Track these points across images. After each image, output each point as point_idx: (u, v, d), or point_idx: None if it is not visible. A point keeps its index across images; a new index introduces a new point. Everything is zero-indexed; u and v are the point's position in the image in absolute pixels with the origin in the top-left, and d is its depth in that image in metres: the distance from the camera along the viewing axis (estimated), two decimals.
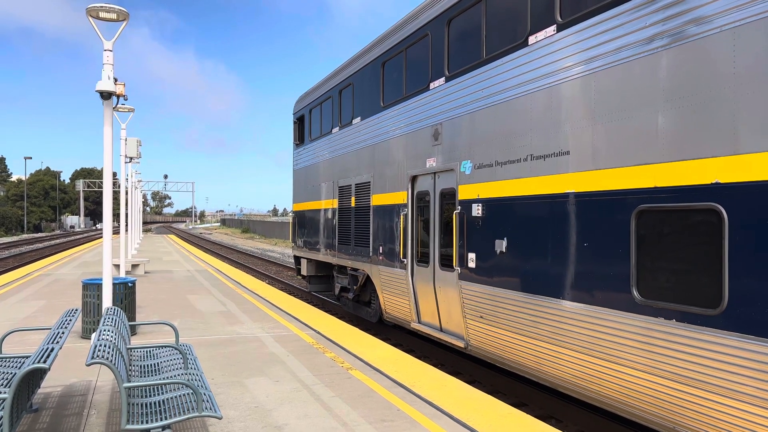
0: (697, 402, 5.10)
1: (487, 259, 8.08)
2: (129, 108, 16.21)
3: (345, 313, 15.57)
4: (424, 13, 10.00)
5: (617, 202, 5.89)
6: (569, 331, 6.55)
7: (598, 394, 6.31)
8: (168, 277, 19.70)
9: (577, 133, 6.49)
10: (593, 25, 6.27)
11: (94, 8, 8.23)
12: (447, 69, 9.25)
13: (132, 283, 10.15)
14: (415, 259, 10.37)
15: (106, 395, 6.70)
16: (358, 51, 13.26)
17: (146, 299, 14.11)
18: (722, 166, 4.87)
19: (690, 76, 5.22)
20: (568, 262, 6.57)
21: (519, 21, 7.52)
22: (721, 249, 4.85)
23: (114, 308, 6.72)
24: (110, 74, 8.50)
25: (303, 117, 17.34)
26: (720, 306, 4.85)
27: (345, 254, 13.62)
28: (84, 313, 9.55)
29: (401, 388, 7.01)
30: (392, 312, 11.46)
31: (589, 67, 6.33)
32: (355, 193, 13.03)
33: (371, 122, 12.19)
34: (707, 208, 4.98)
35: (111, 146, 8.69)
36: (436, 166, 9.55)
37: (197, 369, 5.84)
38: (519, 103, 7.44)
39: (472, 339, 8.63)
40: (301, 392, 6.84)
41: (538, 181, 7.04)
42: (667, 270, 5.39)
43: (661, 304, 5.38)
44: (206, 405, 4.73)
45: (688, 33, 5.23)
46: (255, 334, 10.11)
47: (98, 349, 4.53)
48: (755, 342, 4.59)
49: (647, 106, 5.61)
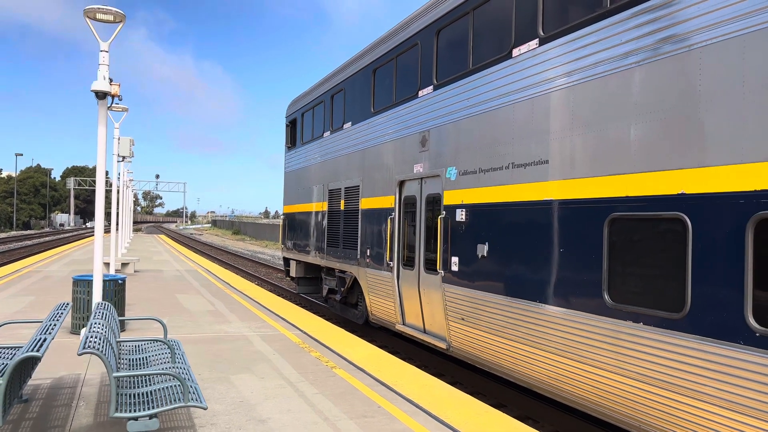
0: (662, 402, 5.35)
1: (469, 263, 8.33)
2: (123, 107, 16.37)
3: (332, 314, 15.77)
4: (415, 23, 10.27)
5: (592, 210, 6.16)
6: (544, 334, 6.80)
7: (571, 394, 6.56)
8: (158, 276, 19.82)
9: (555, 143, 6.76)
10: (573, 40, 6.55)
11: (91, 9, 8.40)
12: (435, 78, 9.51)
13: (122, 280, 10.31)
14: (401, 262, 10.61)
15: (95, 388, 6.87)
16: (351, 57, 13.52)
17: (136, 297, 14.25)
18: (688, 178, 5.14)
19: (660, 92, 5.50)
20: (544, 267, 6.83)
21: (504, 34, 7.79)
22: (685, 256, 5.12)
23: (104, 303, 6.90)
24: (105, 74, 8.67)
25: (295, 120, 17.57)
26: (683, 310, 5.12)
27: (333, 256, 13.83)
28: (74, 308, 9.70)
29: (383, 387, 7.23)
30: (378, 314, 11.68)
31: (568, 80, 6.61)
32: (344, 197, 13.26)
33: (362, 127, 12.43)
34: (673, 217, 5.25)
35: (105, 146, 8.87)
36: (423, 172, 9.80)
37: (185, 363, 6.04)
38: (502, 113, 7.70)
39: (453, 340, 8.86)
40: (285, 389, 7.04)
41: (519, 188, 7.30)
42: (636, 275, 5.66)
43: (630, 308, 5.65)
44: (192, 396, 4.93)
45: (659, 51, 5.52)
46: (242, 333, 10.29)
47: (89, 340, 4.72)
48: (714, 345, 4.85)
49: (621, 119, 5.89)
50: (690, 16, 5.23)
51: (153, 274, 20.55)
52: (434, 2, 9.72)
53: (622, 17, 5.91)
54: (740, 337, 4.65)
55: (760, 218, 4.56)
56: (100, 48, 8.61)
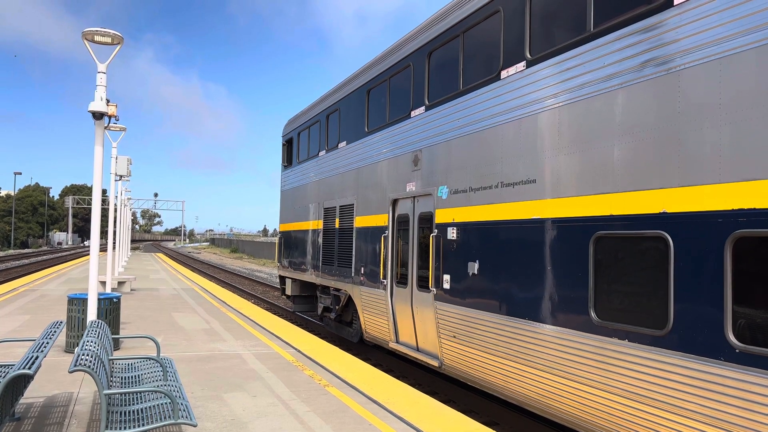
0: (647, 419, 5.41)
1: (460, 281, 8.41)
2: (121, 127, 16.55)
3: (327, 332, 15.79)
4: (407, 45, 10.47)
5: (577, 229, 6.27)
6: (534, 351, 6.87)
7: (561, 411, 6.61)
8: (154, 294, 19.83)
9: (542, 163, 6.89)
10: (558, 63, 6.71)
11: (89, 32, 8.57)
12: (427, 98, 9.68)
13: (117, 299, 10.37)
14: (394, 280, 10.68)
15: (87, 406, 6.91)
16: (346, 78, 13.72)
17: (131, 316, 14.28)
18: (669, 197, 5.26)
19: (641, 113, 5.64)
20: (533, 285, 6.92)
21: (493, 56, 7.97)
22: (667, 274, 5.22)
23: (98, 321, 6.96)
24: (103, 95, 8.81)
25: (291, 140, 17.74)
26: (666, 327, 5.20)
27: (328, 275, 13.90)
28: (68, 327, 9.74)
29: (375, 405, 7.26)
30: (372, 332, 11.72)
31: (554, 101, 6.76)
32: (339, 215, 13.37)
33: (356, 147, 12.59)
34: (656, 235, 5.36)
35: (101, 165, 8.98)
36: (416, 191, 9.92)
37: (176, 381, 6.09)
38: (491, 133, 7.85)
39: (446, 358, 8.91)
40: (277, 407, 7.07)
41: (508, 207, 7.42)
42: (621, 293, 5.75)
43: (616, 325, 5.73)
44: (182, 413, 4.98)
45: (640, 73, 5.67)
46: (236, 351, 10.33)
47: (81, 358, 4.78)
48: (697, 361, 4.93)
49: (605, 139, 6.02)
50: (669, 40, 5.39)
51: (149, 292, 20.56)
52: (426, 25, 9.93)
53: (605, 41, 6.08)
54: (721, 354, 4.73)
55: (738, 236, 4.67)
56: (98, 69, 8.76)
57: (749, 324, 4.61)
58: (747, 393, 4.53)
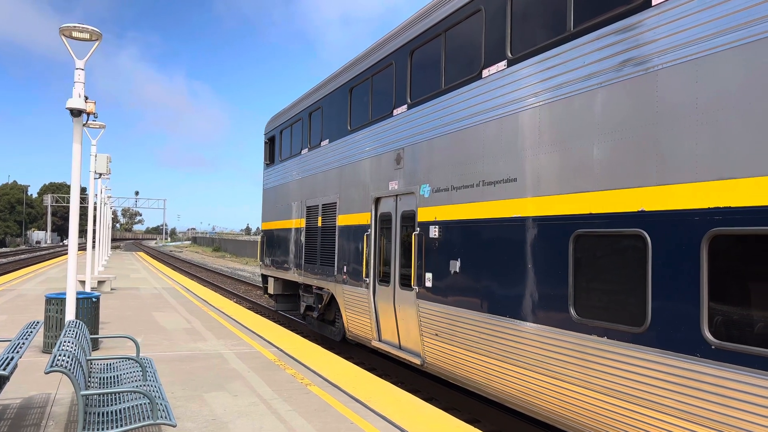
0: (625, 415, 5.48)
1: (442, 279, 8.44)
2: (100, 124, 16.33)
3: (310, 331, 15.75)
4: (390, 43, 10.46)
5: (557, 227, 6.32)
6: (514, 348, 6.91)
7: (541, 408, 6.66)
8: (134, 294, 19.63)
9: (523, 161, 6.93)
10: (539, 62, 6.76)
11: (67, 27, 8.43)
12: (409, 97, 9.68)
13: (96, 298, 10.24)
14: (377, 279, 10.68)
15: (65, 407, 6.82)
16: (328, 76, 13.68)
17: (111, 315, 14.11)
18: (647, 196, 5.32)
19: (620, 112, 5.70)
20: (513, 283, 6.96)
21: (474, 55, 8.00)
22: (645, 271, 5.28)
23: (76, 321, 6.87)
24: (81, 92, 8.68)
25: (274, 138, 17.65)
26: (644, 324, 5.26)
27: (311, 273, 13.86)
28: (46, 327, 9.61)
29: (357, 403, 7.26)
30: (355, 330, 11.71)
31: (535, 100, 6.80)
32: (322, 214, 13.34)
33: (339, 145, 12.56)
34: (634, 233, 5.42)
35: (80, 163, 8.86)
36: (398, 189, 9.93)
37: (156, 381, 6.03)
38: (473, 132, 7.88)
39: (428, 356, 8.93)
40: (258, 406, 7.04)
41: (489, 205, 7.45)
42: (600, 290, 5.81)
43: (595, 323, 5.78)
44: (161, 414, 4.94)
45: (619, 73, 5.73)
46: (218, 351, 10.26)
47: (58, 359, 4.72)
48: (674, 358, 5.00)
49: (584, 138, 6.07)
50: (647, 40, 5.44)
51: (130, 291, 20.35)
52: (408, 23, 9.93)
53: (585, 40, 6.13)
54: (697, 350, 4.80)
55: (714, 234, 4.74)
56: (76, 66, 8.64)
57: (725, 321, 4.69)
58: (722, 389, 4.60)
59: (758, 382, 4.37)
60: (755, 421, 4.39)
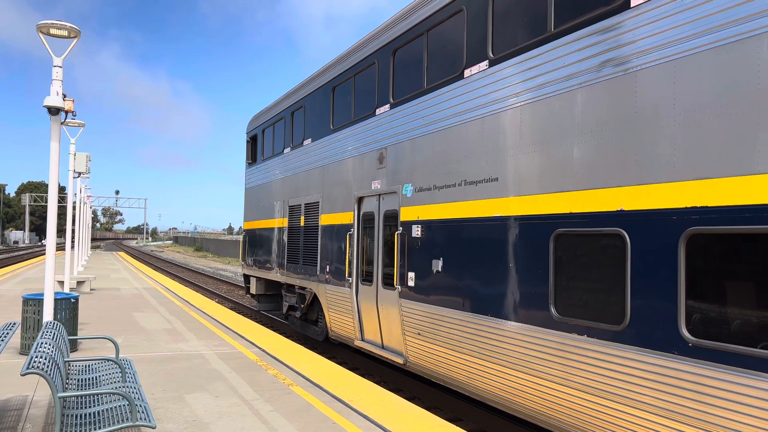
0: (605, 412, 5.53)
1: (424, 278, 8.45)
2: (79, 123, 16.12)
3: (292, 331, 15.69)
4: (372, 42, 10.45)
5: (538, 226, 6.36)
6: (496, 347, 6.95)
7: (522, 407, 6.70)
8: (115, 294, 19.41)
9: (504, 161, 6.97)
10: (520, 62, 6.79)
11: (45, 24, 8.31)
12: (392, 96, 9.68)
13: (75, 299, 10.10)
14: (360, 278, 10.67)
15: (43, 409, 6.72)
16: (311, 75, 13.63)
17: (90, 316, 13.94)
18: (626, 195, 5.38)
19: (599, 112, 5.75)
20: (495, 282, 6.99)
21: (456, 55, 8.02)
22: (625, 270, 5.34)
23: (54, 322, 6.77)
24: (59, 90, 8.57)
25: (256, 137, 17.55)
26: (624, 322, 5.32)
27: (293, 273, 13.81)
28: (23, 328, 9.46)
29: (339, 403, 7.25)
30: (337, 330, 11.69)
31: (516, 101, 6.84)
32: (304, 213, 13.29)
33: (321, 144, 12.53)
34: (613, 233, 5.48)
35: (57, 162, 8.73)
36: (381, 189, 9.92)
37: (135, 382, 5.97)
38: (455, 132, 7.90)
39: (410, 355, 8.95)
40: (240, 407, 7.00)
41: (471, 204, 7.48)
42: (581, 289, 5.86)
43: (576, 321, 5.83)
44: (141, 415, 4.88)
45: (598, 74, 5.78)
46: (199, 352, 10.18)
47: (34, 360, 4.64)
48: (652, 355, 5.06)
49: (565, 138, 6.12)
50: (626, 41, 5.50)
51: (110, 292, 20.11)
52: (391, 23, 9.93)
53: (565, 41, 6.17)
54: (675, 347, 4.86)
55: (691, 234, 4.80)
56: (54, 63, 8.52)
57: (702, 318, 4.75)
58: (699, 386, 4.67)
59: (734, 378, 4.44)
60: (731, 417, 4.46)
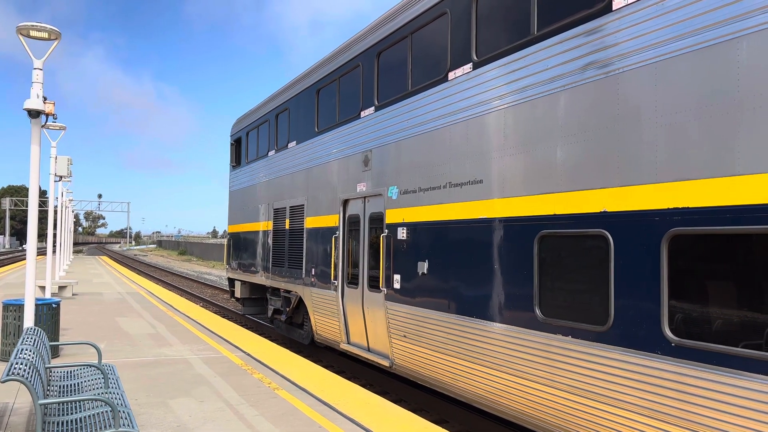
0: (589, 412, 5.56)
1: (410, 280, 8.46)
2: (60, 126, 15.92)
3: (278, 335, 15.61)
4: (357, 45, 10.45)
5: (523, 228, 6.39)
6: (481, 349, 6.97)
7: (508, 408, 6.72)
8: (97, 299, 19.18)
9: (488, 163, 7.00)
10: (504, 65, 6.83)
11: (24, 26, 8.19)
12: (377, 99, 9.69)
13: (56, 304, 9.97)
14: (345, 281, 10.65)
15: (23, 417, 6.61)
16: (295, 77, 13.59)
17: (73, 321, 13.75)
18: (609, 197, 5.43)
19: (582, 115, 5.80)
20: (480, 283, 7.01)
21: (440, 57, 8.04)
22: (608, 271, 5.38)
23: (34, 328, 6.68)
24: (39, 92, 8.45)
25: (240, 139, 17.47)
26: (607, 323, 5.36)
27: (278, 276, 13.74)
28: (3, 334, 9.31)
29: (324, 406, 7.22)
30: (323, 333, 11.65)
31: (500, 103, 6.87)
32: (289, 216, 13.24)
33: (306, 146, 12.49)
34: (597, 234, 5.52)
35: (38, 165, 8.60)
36: (366, 191, 9.92)
37: (118, 388, 5.90)
38: (440, 134, 7.92)
39: (396, 358, 8.94)
40: (225, 411, 6.94)
41: (455, 207, 7.50)
42: (565, 290, 5.90)
43: (560, 322, 5.87)
44: (124, 421, 4.82)
45: (582, 76, 5.83)
46: (183, 356, 10.09)
47: (14, 367, 4.57)
48: (635, 355, 5.10)
49: (548, 140, 6.16)
50: (608, 44, 5.55)
51: (93, 296, 19.87)
52: (375, 25, 9.94)
53: (548, 44, 6.22)
54: (658, 347, 4.91)
55: (673, 234, 4.85)
56: (34, 66, 8.40)
57: (684, 318, 4.80)
58: (682, 385, 4.72)
59: (716, 377, 4.49)
60: (714, 416, 4.51)
